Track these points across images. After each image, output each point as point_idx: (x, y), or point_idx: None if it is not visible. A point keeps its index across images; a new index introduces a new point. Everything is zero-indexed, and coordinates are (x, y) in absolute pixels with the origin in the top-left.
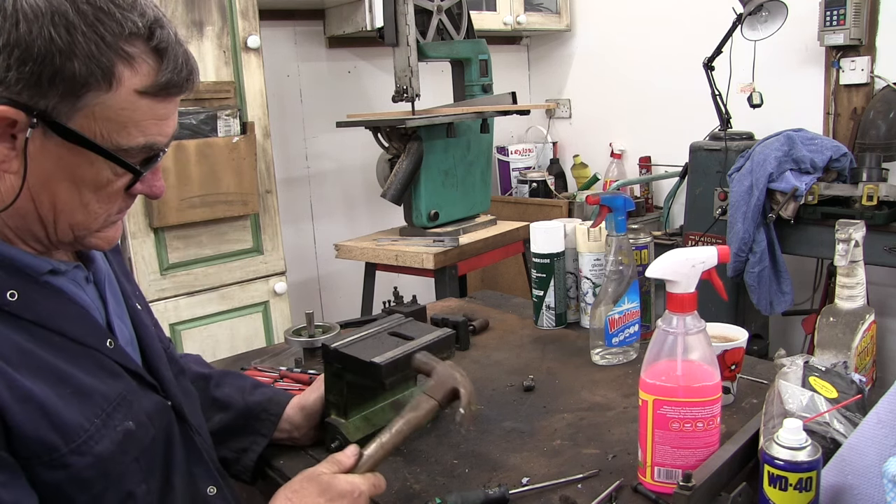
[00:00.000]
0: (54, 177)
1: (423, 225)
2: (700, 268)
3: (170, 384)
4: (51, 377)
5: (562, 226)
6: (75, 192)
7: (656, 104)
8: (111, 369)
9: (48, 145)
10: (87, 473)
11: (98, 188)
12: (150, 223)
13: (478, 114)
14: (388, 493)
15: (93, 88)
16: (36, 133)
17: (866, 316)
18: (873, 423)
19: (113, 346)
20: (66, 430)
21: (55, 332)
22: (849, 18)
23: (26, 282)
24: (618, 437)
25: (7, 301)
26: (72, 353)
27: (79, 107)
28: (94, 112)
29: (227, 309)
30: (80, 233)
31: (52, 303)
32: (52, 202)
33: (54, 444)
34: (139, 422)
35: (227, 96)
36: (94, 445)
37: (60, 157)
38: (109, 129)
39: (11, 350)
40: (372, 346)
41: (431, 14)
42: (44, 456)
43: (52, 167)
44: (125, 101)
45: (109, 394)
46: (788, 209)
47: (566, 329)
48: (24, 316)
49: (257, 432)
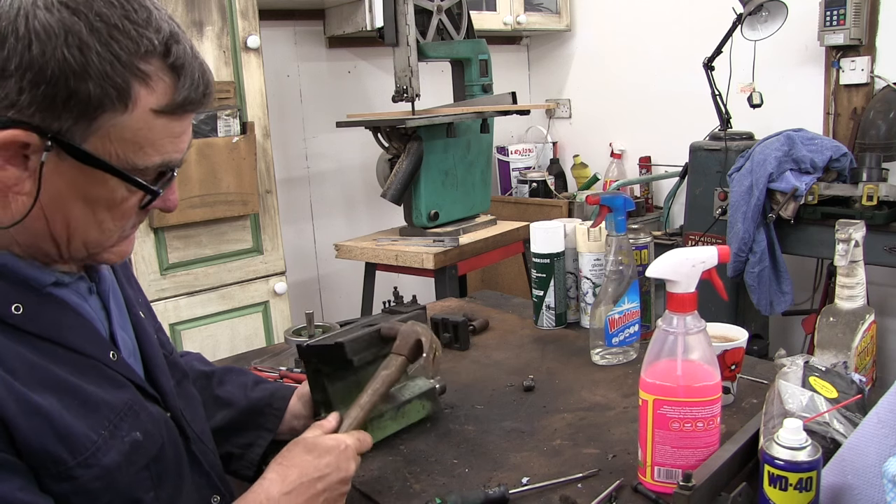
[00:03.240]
0: (68, 197)
1: (423, 225)
2: (700, 268)
3: (170, 395)
4: (57, 390)
5: (562, 226)
6: (89, 212)
7: (656, 104)
8: (116, 380)
9: (62, 167)
10: (93, 485)
11: (112, 207)
12: (149, 223)
13: (478, 114)
14: (388, 493)
15: (108, 110)
16: (50, 155)
17: (866, 316)
18: (873, 423)
19: (116, 358)
20: (73, 443)
21: (59, 345)
22: (849, 18)
23: (30, 294)
24: (618, 436)
25: (12, 314)
26: (76, 364)
27: (94, 128)
28: (110, 133)
29: (227, 309)
30: (93, 250)
31: (56, 314)
32: (66, 221)
33: (61, 457)
34: (146, 431)
35: (227, 96)
36: (101, 458)
37: (75, 178)
38: (125, 149)
39: (18, 363)
40: (340, 336)
41: (431, 14)
42: (51, 468)
43: (65, 188)
44: (141, 122)
45: (115, 404)
46: (788, 209)
47: (566, 329)
48: (28, 329)
49: (262, 427)
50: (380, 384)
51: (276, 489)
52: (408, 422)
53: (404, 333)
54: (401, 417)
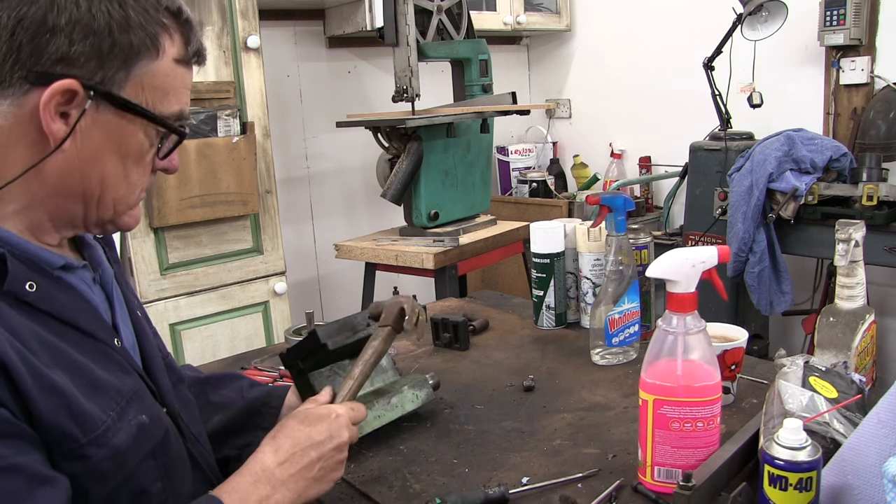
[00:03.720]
0: (104, 150)
1: (423, 225)
2: (700, 268)
3: (167, 392)
4: (68, 369)
5: (562, 226)
6: (120, 165)
7: (656, 104)
8: (122, 365)
9: (99, 120)
10: (104, 466)
11: (139, 159)
12: (150, 223)
13: (478, 114)
14: (388, 493)
15: (144, 57)
16: (89, 109)
17: (866, 316)
18: (873, 423)
19: (120, 345)
20: (85, 421)
21: (70, 326)
22: (849, 18)
23: (42, 276)
24: (618, 436)
25: (26, 292)
26: (86, 346)
27: (131, 77)
28: (143, 81)
29: (227, 309)
30: (119, 207)
31: (66, 297)
32: (101, 177)
33: (73, 434)
34: (152, 416)
35: (226, 96)
36: (111, 438)
37: (110, 130)
38: (154, 97)
39: (33, 339)
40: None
41: (431, 14)
42: (63, 446)
43: (101, 140)
44: (168, 69)
45: (122, 388)
46: (788, 209)
47: (566, 329)
48: (41, 307)
49: (259, 426)
50: (369, 355)
51: (270, 460)
52: (402, 411)
53: (388, 306)
54: (394, 408)
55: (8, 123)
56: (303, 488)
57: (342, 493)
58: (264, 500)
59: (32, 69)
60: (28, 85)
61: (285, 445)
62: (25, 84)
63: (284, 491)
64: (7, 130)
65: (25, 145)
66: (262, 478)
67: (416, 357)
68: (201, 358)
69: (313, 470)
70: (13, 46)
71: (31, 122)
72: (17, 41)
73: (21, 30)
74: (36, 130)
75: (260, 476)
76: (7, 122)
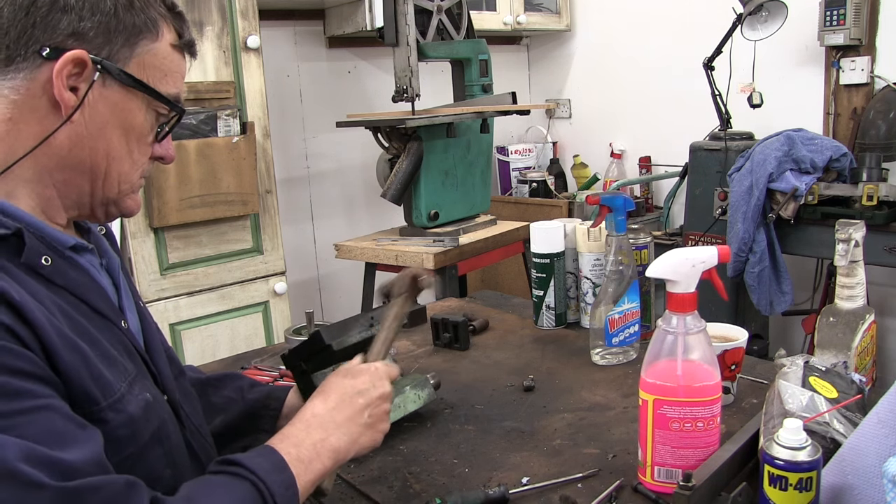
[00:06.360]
0: (110, 124)
1: (423, 225)
2: (700, 268)
3: (168, 379)
4: (85, 337)
5: (562, 226)
6: (124, 140)
7: (656, 104)
8: (127, 346)
9: (105, 93)
10: (121, 432)
11: (140, 137)
12: (150, 223)
13: (478, 114)
14: (388, 493)
15: (145, 37)
16: (96, 83)
17: (866, 316)
18: (873, 423)
19: (126, 326)
20: (104, 385)
21: (82, 301)
22: (849, 18)
23: (55, 253)
24: (618, 436)
25: (43, 265)
26: (96, 322)
27: (134, 54)
28: (145, 60)
29: (227, 309)
30: (123, 186)
31: (78, 275)
32: (107, 150)
33: (95, 397)
34: (154, 396)
35: (226, 96)
36: (126, 405)
37: (115, 104)
38: (154, 76)
39: (53, 306)
40: None
41: (431, 14)
42: (85, 408)
43: (107, 114)
44: (165, 51)
45: (128, 367)
46: (788, 209)
47: (566, 329)
48: (56, 282)
49: (259, 429)
50: (391, 320)
51: (320, 407)
52: (404, 412)
53: (398, 279)
54: (396, 408)
55: (21, 98)
56: (356, 434)
57: (342, 494)
58: (319, 443)
59: (46, 44)
60: (41, 59)
61: (333, 395)
62: (38, 58)
63: (339, 434)
64: (20, 104)
65: (37, 118)
66: (314, 423)
67: (416, 357)
68: (201, 358)
69: (363, 416)
70: (28, 24)
71: (42, 94)
72: (31, 19)
73: (35, 8)
74: (48, 104)
75: (311, 422)
76: (20, 97)
